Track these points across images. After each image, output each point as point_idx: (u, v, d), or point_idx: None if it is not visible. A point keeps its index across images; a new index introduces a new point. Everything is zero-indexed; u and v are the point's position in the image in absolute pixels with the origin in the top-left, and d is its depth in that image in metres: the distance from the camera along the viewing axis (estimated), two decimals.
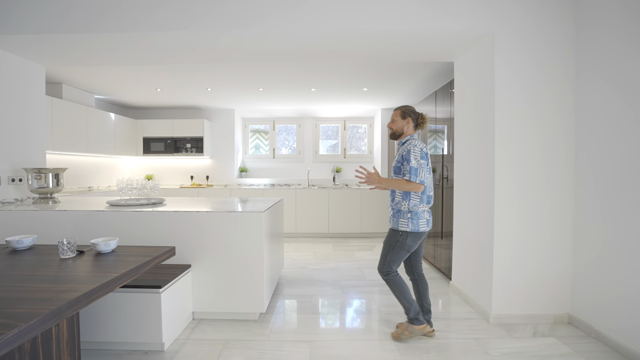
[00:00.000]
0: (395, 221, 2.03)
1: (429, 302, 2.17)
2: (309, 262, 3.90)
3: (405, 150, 1.98)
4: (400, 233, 2.00)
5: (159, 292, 1.90)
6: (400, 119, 2.10)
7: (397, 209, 2.03)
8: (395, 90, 4.51)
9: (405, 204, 1.99)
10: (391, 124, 2.14)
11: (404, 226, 1.98)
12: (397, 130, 2.12)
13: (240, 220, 2.28)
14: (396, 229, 2.02)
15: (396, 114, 2.12)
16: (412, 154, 1.93)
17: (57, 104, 3.92)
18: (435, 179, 3.53)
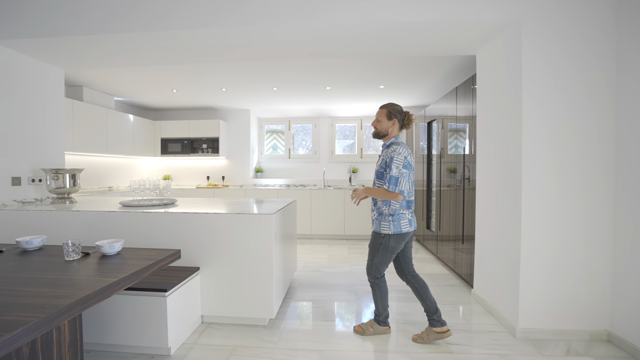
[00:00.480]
0: (378, 224, 2.04)
1: (433, 301, 2.10)
2: (323, 264, 3.80)
3: (389, 157, 1.94)
4: (382, 236, 2.02)
5: (165, 296, 1.85)
6: (385, 119, 2.04)
7: (379, 212, 2.04)
8: (414, 87, 4.33)
9: (386, 208, 1.99)
10: (376, 123, 2.06)
11: (385, 229, 1.99)
12: (381, 131, 2.06)
13: (249, 222, 2.21)
14: (379, 232, 2.03)
15: (382, 114, 2.05)
16: (394, 163, 1.90)
17: (78, 106, 4.02)
18: (456, 180, 3.35)
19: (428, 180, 4.39)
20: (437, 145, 3.96)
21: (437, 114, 3.90)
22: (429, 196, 4.41)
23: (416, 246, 4.70)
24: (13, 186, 2.72)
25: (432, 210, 4.26)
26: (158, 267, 1.58)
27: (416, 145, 4.82)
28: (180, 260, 2.26)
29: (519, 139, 2.14)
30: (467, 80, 3.07)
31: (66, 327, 1.42)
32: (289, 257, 2.86)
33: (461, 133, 3.27)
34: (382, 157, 2.03)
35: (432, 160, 4.26)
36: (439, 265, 3.76)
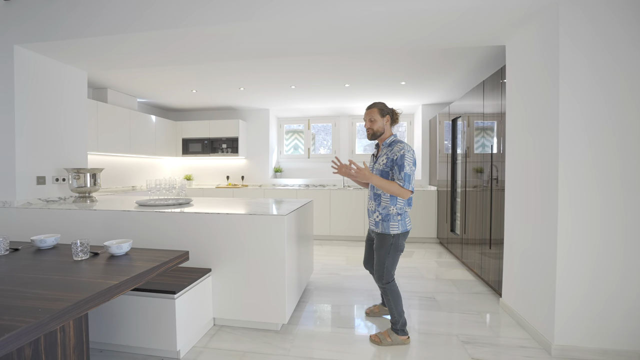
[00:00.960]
0: (386, 225, 2.00)
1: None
2: (340, 267, 3.69)
3: (396, 155, 1.92)
4: (392, 236, 1.99)
5: (174, 298, 1.81)
6: (379, 117, 2.01)
7: (384, 214, 2.00)
8: (437, 83, 4.12)
9: (393, 208, 1.98)
10: (370, 124, 2.02)
11: (395, 229, 1.98)
12: (378, 130, 2.02)
13: (261, 223, 2.14)
14: (387, 232, 2.00)
15: (374, 112, 2.02)
16: (405, 160, 1.89)
17: (102, 108, 4.13)
18: (483, 180, 3.13)
19: (452, 180, 4.16)
20: (462, 143, 3.74)
21: (462, 111, 3.68)
22: (453, 197, 4.18)
23: (439, 249, 4.48)
24: (38, 185, 2.80)
25: (457, 212, 4.03)
26: (164, 270, 1.54)
27: (440, 144, 4.59)
28: (191, 261, 2.23)
29: (555, 135, 1.93)
30: (495, 73, 2.85)
31: (71, 329, 1.40)
32: (304, 260, 2.77)
33: (488, 131, 3.05)
34: (385, 155, 1.99)
35: (456, 159, 4.04)
36: (464, 271, 3.54)
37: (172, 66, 3.53)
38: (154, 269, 1.46)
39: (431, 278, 3.30)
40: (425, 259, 4.03)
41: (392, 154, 1.94)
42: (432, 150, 5.14)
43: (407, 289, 3.00)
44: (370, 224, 2.14)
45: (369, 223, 2.15)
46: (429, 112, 5.37)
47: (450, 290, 2.97)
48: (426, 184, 5.41)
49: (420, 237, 4.92)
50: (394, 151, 1.92)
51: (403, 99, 4.99)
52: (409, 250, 4.47)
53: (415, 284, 3.13)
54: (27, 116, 2.70)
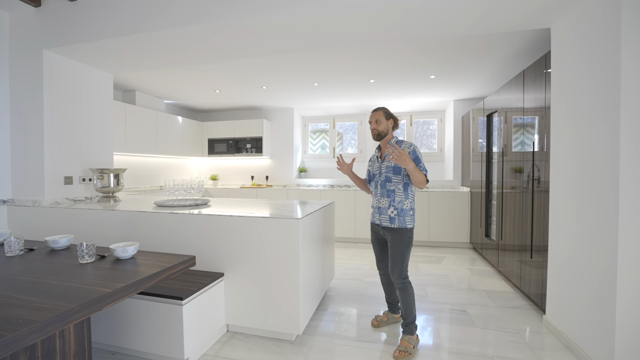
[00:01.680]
0: (402, 220, 2.06)
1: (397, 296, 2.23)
2: (364, 272, 3.50)
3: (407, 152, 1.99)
4: (409, 230, 2.07)
5: (181, 304, 1.73)
6: (384, 119, 2.15)
7: (400, 208, 2.07)
8: (469, 76, 3.80)
9: (408, 202, 2.08)
10: (376, 125, 2.15)
11: (410, 223, 2.07)
12: (383, 131, 2.15)
13: (274, 226, 2.02)
14: (404, 227, 2.06)
15: (379, 115, 2.15)
16: (418, 154, 2.04)
17: (130, 109, 4.24)
18: (522, 181, 2.81)
19: (487, 181, 3.82)
20: (498, 141, 3.41)
21: (499, 106, 3.35)
22: (488, 199, 3.84)
23: (472, 256, 4.15)
24: (66, 185, 2.88)
25: (492, 216, 3.69)
26: (165, 277, 1.45)
27: (473, 142, 4.25)
28: (204, 265, 2.16)
29: (616, 129, 1.63)
30: (537, 62, 2.53)
31: (72, 335, 1.35)
32: (324, 264, 2.62)
33: (529, 128, 2.73)
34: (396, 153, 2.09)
35: (492, 158, 3.70)
36: (500, 281, 3.22)
37: (194, 66, 3.53)
38: (154, 276, 1.38)
39: (463, 288, 3.02)
40: (457, 265, 3.73)
41: None
42: (464, 148, 4.79)
43: (434, 299, 2.76)
44: (381, 221, 2.12)
45: (379, 220, 2.13)
46: (462, 108, 5.01)
47: (484, 302, 2.69)
48: (458, 185, 5.06)
49: (451, 241, 4.60)
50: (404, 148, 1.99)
51: (433, 94, 4.69)
52: (438, 255, 4.17)
53: (445, 293, 2.88)
54: (55, 118, 2.78)
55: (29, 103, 2.73)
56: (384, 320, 2.33)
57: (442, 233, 4.60)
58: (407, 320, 2.05)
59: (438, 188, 5.04)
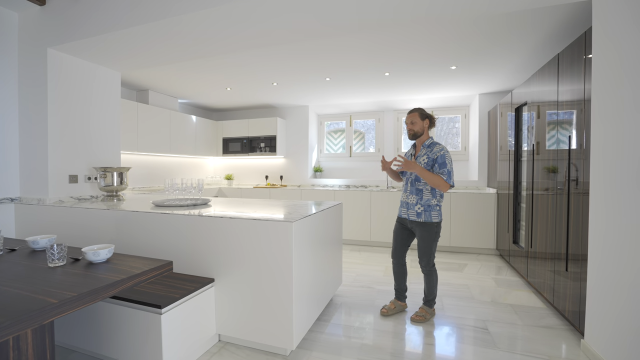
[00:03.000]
0: (428, 215, 2.26)
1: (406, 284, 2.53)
2: (376, 279, 3.25)
3: (436, 155, 2.21)
4: (435, 224, 2.27)
5: (160, 313, 1.59)
6: (419, 120, 2.30)
7: (427, 205, 2.26)
8: (495, 65, 3.44)
9: (435, 200, 2.26)
10: (412, 125, 2.31)
11: (436, 217, 2.26)
12: (418, 131, 2.31)
13: (266, 230, 1.84)
14: (431, 221, 2.26)
15: (414, 116, 2.30)
16: (447, 159, 2.19)
17: (143, 109, 4.24)
18: (557, 182, 2.45)
19: (515, 182, 3.45)
20: (528, 138, 3.05)
21: (529, 99, 2.99)
22: (516, 202, 3.47)
23: (499, 264, 3.77)
24: (70, 183, 2.87)
25: (521, 221, 3.32)
26: (133, 284, 1.31)
27: (501, 139, 3.87)
28: (194, 270, 2.02)
29: None
30: (574, 44, 2.18)
31: (29, 345, 1.23)
32: (328, 271, 2.41)
33: (565, 125, 2.38)
34: (426, 155, 2.27)
35: (521, 157, 3.33)
36: (530, 294, 2.86)
37: (202, 61, 3.44)
38: (116, 285, 1.24)
39: (485, 301, 2.70)
40: (480, 274, 3.38)
41: (433, 154, 2.23)
42: (491, 146, 4.40)
43: (451, 312, 2.46)
44: (409, 215, 2.33)
45: (407, 214, 2.35)
46: (488, 103, 4.61)
47: (510, 319, 2.36)
48: (484, 186, 4.66)
49: (474, 247, 4.23)
50: (434, 151, 2.22)
51: (455, 88, 4.34)
52: (460, 262, 3.83)
53: (463, 307, 2.57)
54: (59, 117, 2.77)
55: (34, 102, 2.74)
56: (392, 309, 2.44)
57: (465, 238, 4.24)
58: (429, 297, 2.37)
59: (461, 189, 4.67)
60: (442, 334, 2.16)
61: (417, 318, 2.31)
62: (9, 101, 2.76)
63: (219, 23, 2.27)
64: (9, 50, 2.77)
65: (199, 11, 2.13)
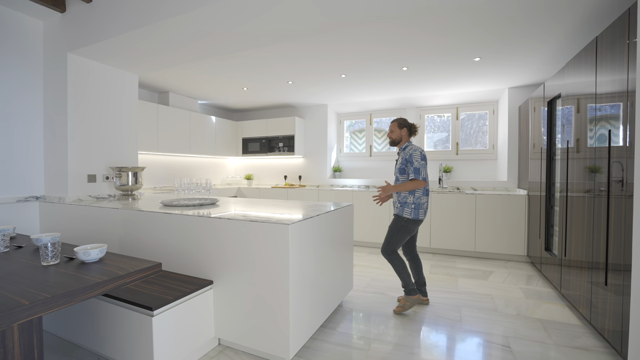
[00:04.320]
0: (402, 210, 2.44)
1: (423, 277, 2.64)
2: (391, 285, 3.07)
3: (408, 155, 2.42)
4: (404, 219, 2.43)
5: (152, 315, 1.56)
6: (397, 129, 2.53)
7: (403, 201, 2.45)
8: (525, 55, 3.14)
9: (411, 198, 2.42)
10: (390, 134, 2.56)
11: (407, 214, 2.41)
12: (396, 138, 2.54)
13: (264, 232, 1.76)
14: (401, 215, 2.44)
15: (394, 125, 2.54)
16: (414, 157, 2.38)
17: (163, 110, 4.35)
18: (598, 183, 2.17)
19: (548, 183, 3.13)
20: (563, 134, 2.75)
21: (563, 91, 2.69)
22: (549, 205, 3.15)
23: (529, 272, 3.45)
24: (89, 183, 2.97)
25: (554, 226, 3.00)
26: (115, 286, 1.27)
27: (533, 136, 3.53)
28: (193, 270, 1.99)
29: None
30: (615, 25, 1.91)
31: (16, 343, 1.23)
32: (333, 275, 2.30)
33: (608, 121, 2.09)
34: (401, 156, 2.49)
35: (554, 155, 3.02)
36: (563, 308, 2.56)
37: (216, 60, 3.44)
38: (97, 286, 1.20)
39: (510, 314, 2.45)
40: (507, 283, 3.10)
41: (405, 154, 2.46)
42: (522, 144, 4.06)
43: (469, 326, 2.25)
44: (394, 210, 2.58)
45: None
46: (518, 97, 4.26)
47: (538, 337, 2.12)
48: (513, 187, 4.32)
49: (502, 253, 3.91)
50: (407, 152, 2.46)
51: (481, 82, 4.05)
52: (485, 269, 3.55)
53: (485, 320, 2.35)
54: (79, 119, 2.87)
55: (56, 104, 2.86)
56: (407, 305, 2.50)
57: (492, 243, 3.94)
58: (403, 285, 2.51)
59: (488, 190, 4.36)
60: (454, 350, 1.97)
61: (397, 309, 2.45)
62: (35, 105, 2.91)
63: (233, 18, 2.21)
64: (35, 57, 2.92)
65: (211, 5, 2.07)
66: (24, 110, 2.84)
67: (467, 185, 4.60)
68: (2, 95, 2.70)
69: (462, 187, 4.62)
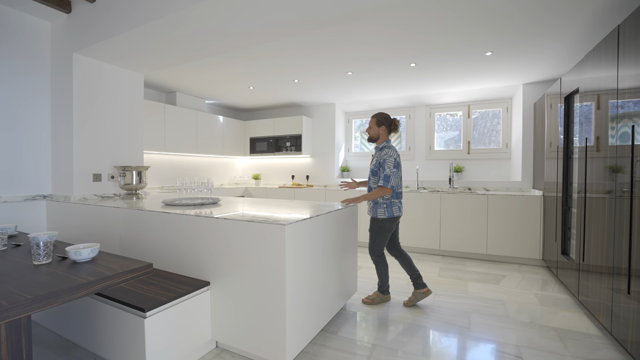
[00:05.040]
0: (375, 211, 2.48)
1: (417, 270, 2.59)
2: (398, 288, 2.97)
3: (382, 159, 2.39)
4: (380, 220, 2.46)
5: (144, 317, 1.52)
6: (375, 126, 2.47)
7: (375, 202, 2.49)
8: (540, 48, 2.99)
9: (381, 199, 2.44)
10: (368, 129, 2.51)
11: (381, 214, 2.44)
12: (373, 136, 2.50)
13: (259, 233, 1.70)
14: (376, 217, 2.47)
15: (372, 122, 2.48)
16: (387, 163, 2.36)
17: (170, 110, 4.36)
18: (620, 184, 2.02)
19: (565, 183, 2.97)
20: (581, 132, 2.59)
21: (582, 87, 2.54)
22: (565, 206, 2.98)
23: (545, 277, 3.29)
24: (94, 182, 2.98)
25: (572, 229, 2.84)
26: (102, 287, 1.24)
27: (550, 134, 3.36)
28: (190, 271, 1.95)
29: None
30: (637, 15, 1.77)
31: (2, 345, 1.21)
32: (335, 278, 2.22)
33: (632, 114, 1.94)
34: (376, 158, 2.48)
35: (572, 154, 2.86)
36: (581, 316, 2.41)
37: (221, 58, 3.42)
38: (82, 287, 1.17)
39: (523, 321, 2.32)
40: (520, 289, 2.96)
41: (380, 157, 2.43)
42: (537, 142, 3.88)
43: (478, 333, 2.14)
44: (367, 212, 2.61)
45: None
46: (533, 93, 4.09)
47: (553, 347, 1.99)
48: (528, 187, 4.14)
49: (516, 256, 3.75)
50: (382, 155, 2.42)
51: (494, 78, 3.90)
52: (497, 273, 3.40)
53: (494, 327, 2.23)
54: (84, 118, 2.88)
55: (63, 104, 2.89)
56: (412, 300, 2.55)
57: (505, 245, 3.78)
58: (380, 284, 2.61)
59: (501, 190, 4.19)
60: (468, 354, 1.86)
61: (366, 300, 2.58)
62: (43, 105, 2.94)
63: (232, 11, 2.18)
64: (43, 58, 2.95)
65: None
66: (33, 111, 2.87)
67: (479, 186, 4.44)
68: (12, 97, 2.74)
69: (474, 188, 4.46)
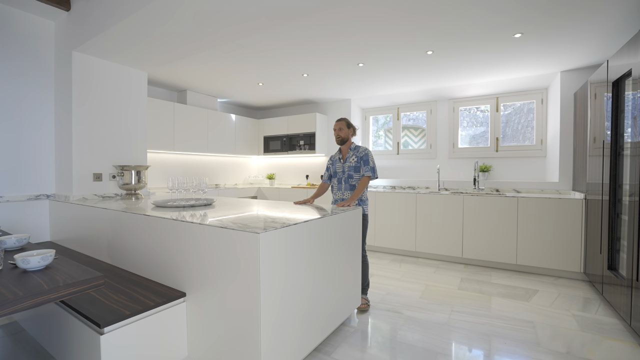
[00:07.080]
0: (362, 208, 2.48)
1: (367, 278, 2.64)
2: (410, 301, 2.66)
3: (362, 154, 2.60)
4: (365, 216, 2.56)
5: (101, 333, 1.35)
6: (346, 128, 2.67)
7: (359, 199, 2.58)
8: (581, 23, 2.55)
9: (365, 194, 2.62)
10: (340, 132, 2.65)
11: (366, 210, 2.59)
12: (344, 137, 2.66)
13: (233, 240, 1.49)
14: (364, 213, 2.56)
15: (342, 124, 2.66)
16: (369, 157, 2.58)
17: (179, 109, 4.30)
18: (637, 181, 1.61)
19: (613, 185, 2.51)
20: (634, 125, 2.15)
21: (637, 70, 2.10)
22: (613, 212, 2.52)
23: (587, 294, 2.82)
24: (95, 181, 2.93)
25: (622, 239, 2.39)
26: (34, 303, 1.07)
27: (594, 128, 2.88)
28: (168, 279, 1.78)
29: None
30: None
31: None
32: (331, 291, 1.97)
33: None
34: (354, 156, 2.61)
35: (621, 151, 2.41)
36: (633, 347, 1.98)
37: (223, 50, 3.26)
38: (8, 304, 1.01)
39: (558, 351, 1.94)
40: (555, 308, 2.54)
41: (359, 154, 2.59)
42: (578, 138, 3.39)
43: None
44: None
45: None
46: (574, 82, 3.58)
47: None
48: (567, 189, 3.64)
49: (551, 268, 3.28)
50: (360, 152, 2.60)
51: (526, 65, 3.44)
52: (528, 287, 2.97)
53: (521, 358, 1.87)
54: (84, 117, 2.83)
55: (64, 102, 2.85)
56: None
57: (539, 255, 3.33)
58: (364, 284, 2.58)
59: (535, 192, 3.72)
60: None
61: (360, 307, 2.50)
62: (46, 105, 2.93)
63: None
64: (47, 57, 2.94)
65: None
66: (37, 110, 2.87)
67: (509, 187, 3.98)
68: (16, 97, 2.73)
69: (502, 189, 4.01)
